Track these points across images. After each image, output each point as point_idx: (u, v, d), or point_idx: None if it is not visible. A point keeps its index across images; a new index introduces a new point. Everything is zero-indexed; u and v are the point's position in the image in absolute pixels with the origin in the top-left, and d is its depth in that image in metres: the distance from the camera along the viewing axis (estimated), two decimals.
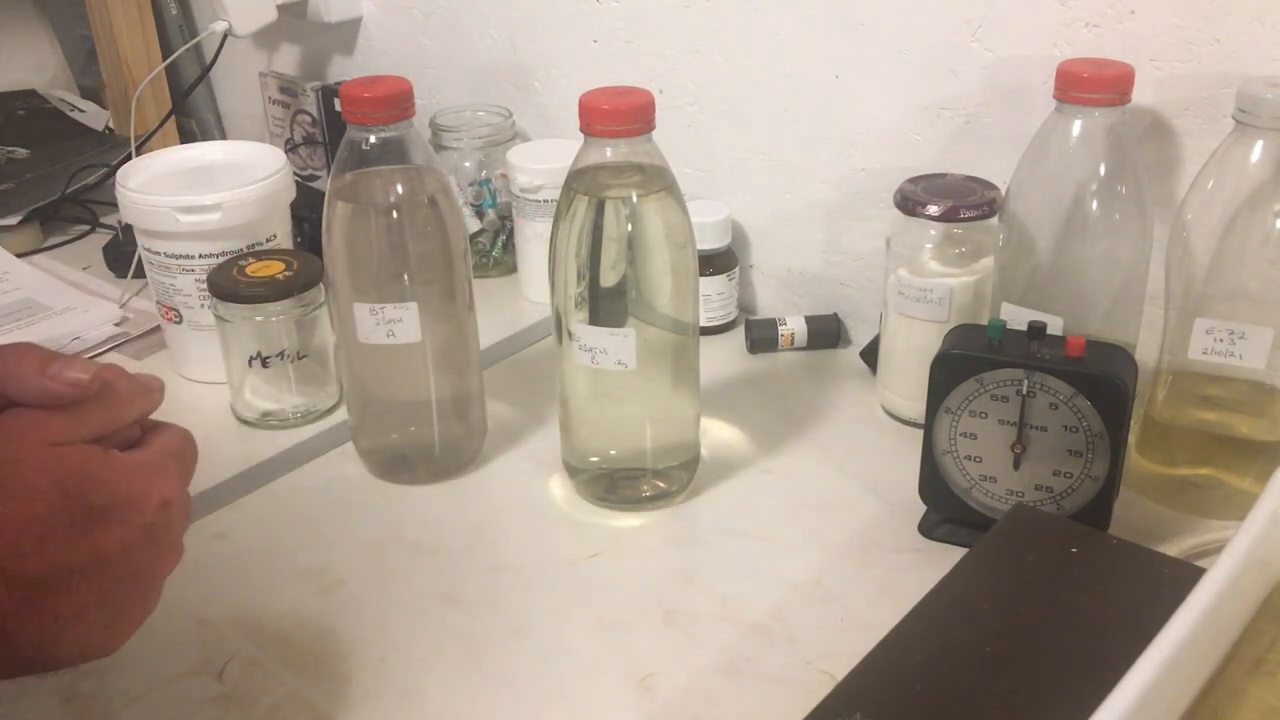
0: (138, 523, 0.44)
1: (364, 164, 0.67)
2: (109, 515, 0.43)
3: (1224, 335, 0.63)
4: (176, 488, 0.46)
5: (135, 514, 0.44)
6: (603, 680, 0.58)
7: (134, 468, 0.44)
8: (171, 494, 0.45)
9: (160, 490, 0.45)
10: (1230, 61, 0.67)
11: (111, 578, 0.43)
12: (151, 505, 0.44)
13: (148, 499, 0.44)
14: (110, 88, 1.24)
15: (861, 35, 0.80)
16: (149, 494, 0.44)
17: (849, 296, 0.89)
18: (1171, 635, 0.40)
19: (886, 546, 0.66)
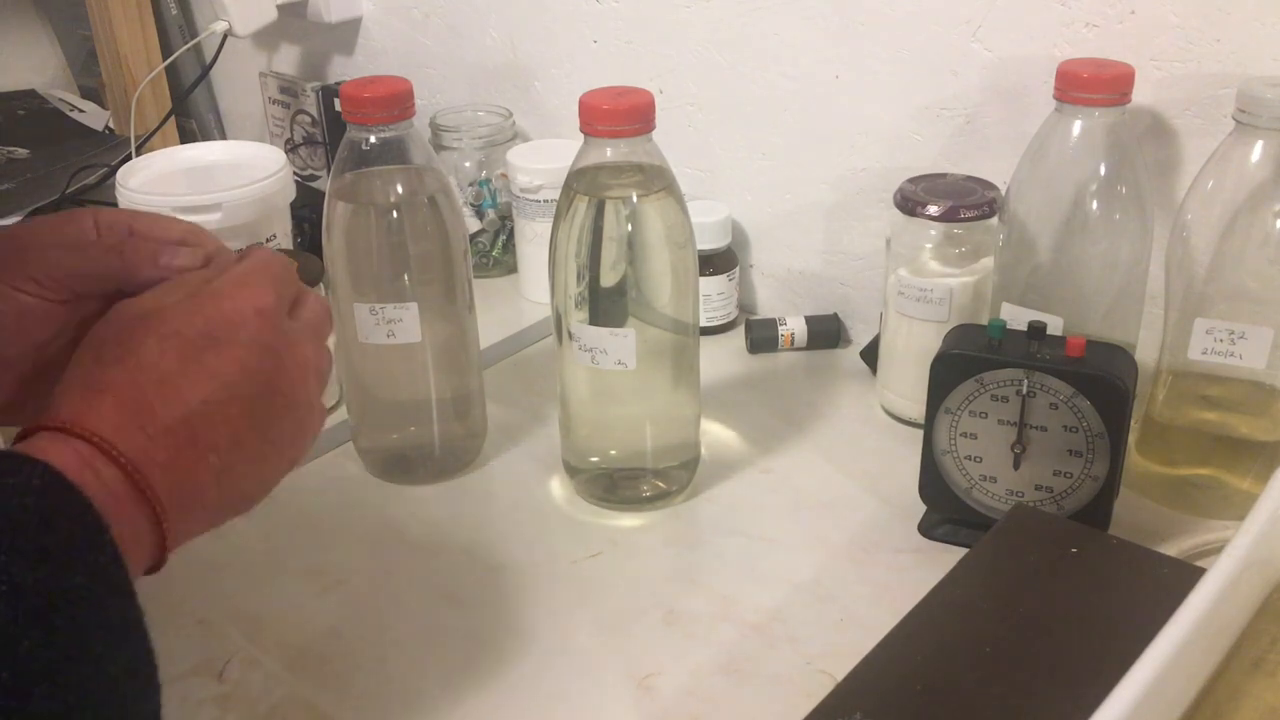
0: (243, 339, 0.44)
1: (364, 164, 0.67)
2: (211, 341, 0.43)
3: (1224, 335, 0.63)
4: (266, 296, 0.46)
5: (237, 330, 0.44)
6: (603, 680, 0.58)
7: (217, 292, 0.45)
8: (262, 301, 0.45)
9: (249, 301, 0.45)
10: (1230, 61, 0.67)
11: (247, 397, 0.43)
12: (248, 317, 0.45)
13: (241, 313, 0.45)
14: (110, 88, 1.24)
15: (861, 35, 0.80)
16: (240, 309, 0.45)
17: (849, 296, 0.89)
18: (1171, 635, 0.40)
19: (886, 546, 0.66)
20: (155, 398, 0.41)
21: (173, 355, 0.42)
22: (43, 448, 0.38)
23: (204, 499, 0.42)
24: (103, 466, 0.39)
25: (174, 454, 0.41)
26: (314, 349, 0.48)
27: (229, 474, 0.43)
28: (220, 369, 0.43)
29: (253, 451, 0.44)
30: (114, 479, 0.39)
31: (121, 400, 0.41)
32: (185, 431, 0.41)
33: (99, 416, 0.40)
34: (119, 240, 0.49)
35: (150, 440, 0.40)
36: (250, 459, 0.44)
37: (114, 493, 0.39)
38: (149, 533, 0.40)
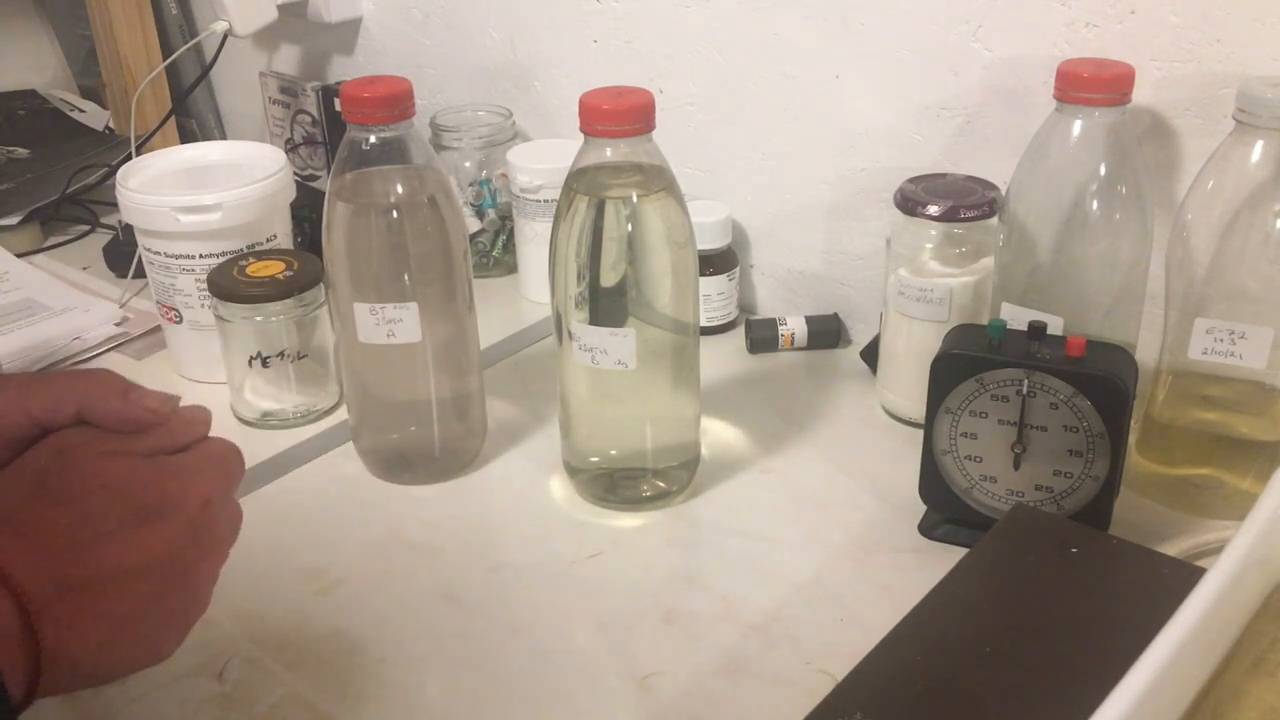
0: (182, 521, 0.44)
1: (364, 164, 0.67)
2: (154, 515, 0.43)
3: (1224, 335, 0.63)
4: (217, 488, 0.47)
5: (179, 513, 0.44)
6: (603, 680, 0.58)
7: (176, 469, 0.45)
8: (212, 493, 0.46)
9: (200, 489, 0.46)
10: (1230, 61, 0.67)
11: (160, 578, 0.44)
12: (193, 504, 0.45)
13: (189, 498, 0.45)
14: (110, 88, 1.24)
15: (861, 35, 0.80)
16: (190, 493, 0.45)
17: (849, 296, 0.89)
18: (1171, 635, 0.40)
19: (886, 546, 0.66)
20: (82, 553, 0.41)
21: (115, 517, 0.42)
22: None
23: (78, 663, 0.41)
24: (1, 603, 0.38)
25: (75, 612, 0.41)
26: (227, 550, 0.48)
27: (109, 647, 0.42)
28: (150, 544, 0.43)
29: (144, 631, 0.44)
30: (7, 619, 0.38)
31: (49, 545, 0.41)
32: (93, 593, 0.41)
33: (17, 552, 0.40)
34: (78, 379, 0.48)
35: (59, 592, 0.40)
36: (136, 638, 0.44)
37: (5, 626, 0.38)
38: (20, 680, 0.39)
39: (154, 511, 0.44)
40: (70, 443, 0.44)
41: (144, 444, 0.46)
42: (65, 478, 0.42)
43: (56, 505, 0.41)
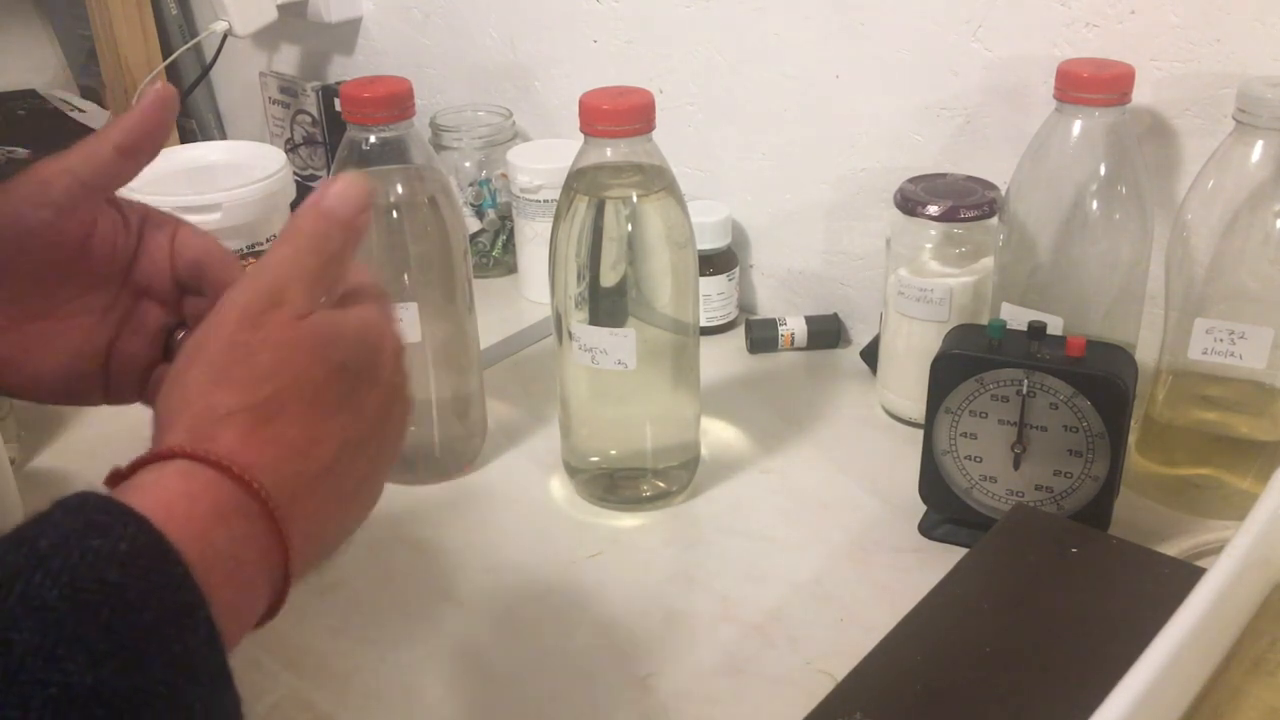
0: (384, 378, 0.42)
1: (364, 164, 0.67)
2: (363, 378, 0.40)
3: (1224, 335, 0.63)
4: (398, 336, 0.44)
5: (381, 369, 0.42)
6: (603, 680, 0.58)
7: (365, 323, 0.42)
8: (400, 343, 0.44)
9: (392, 341, 0.43)
10: (1230, 61, 0.67)
11: (375, 442, 0.41)
12: (389, 357, 0.42)
13: (385, 351, 0.42)
14: (110, 88, 1.24)
15: (861, 35, 0.80)
16: (384, 347, 0.42)
17: (849, 296, 0.89)
18: (1171, 635, 0.40)
19: (886, 546, 0.66)
20: (316, 440, 0.38)
21: (334, 391, 0.39)
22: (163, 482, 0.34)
23: (315, 550, 0.39)
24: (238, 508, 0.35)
25: (315, 504, 0.38)
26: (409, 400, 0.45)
27: (339, 524, 0.40)
28: (367, 411, 0.40)
29: (361, 501, 0.42)
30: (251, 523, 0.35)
31: (286, 437, 0.37)
32: (328, 478, 0.38)
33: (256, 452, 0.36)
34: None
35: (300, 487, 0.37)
36: (357, 509, 0.42)
37: (244, 540, 0.35)
38: (270, 585, 0.36)
39: (364, 374, 0.40)
40: (256, 311, 0.39)
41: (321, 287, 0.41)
42: (280, 354, 0.38)
43: (285, 387, 0.37)
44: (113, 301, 0.51)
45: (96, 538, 0.30)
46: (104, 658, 0.28)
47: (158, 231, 0.51)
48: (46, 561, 0.29)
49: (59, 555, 0.29)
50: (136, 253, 0.51)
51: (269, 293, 0.39)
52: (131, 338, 0.51)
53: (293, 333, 0.38)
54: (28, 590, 0.28)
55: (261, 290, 0.39)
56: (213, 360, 0.38)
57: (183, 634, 0.30)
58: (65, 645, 0.27)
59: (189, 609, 0.31)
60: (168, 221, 0.52)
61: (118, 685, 0.28)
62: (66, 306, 0.49)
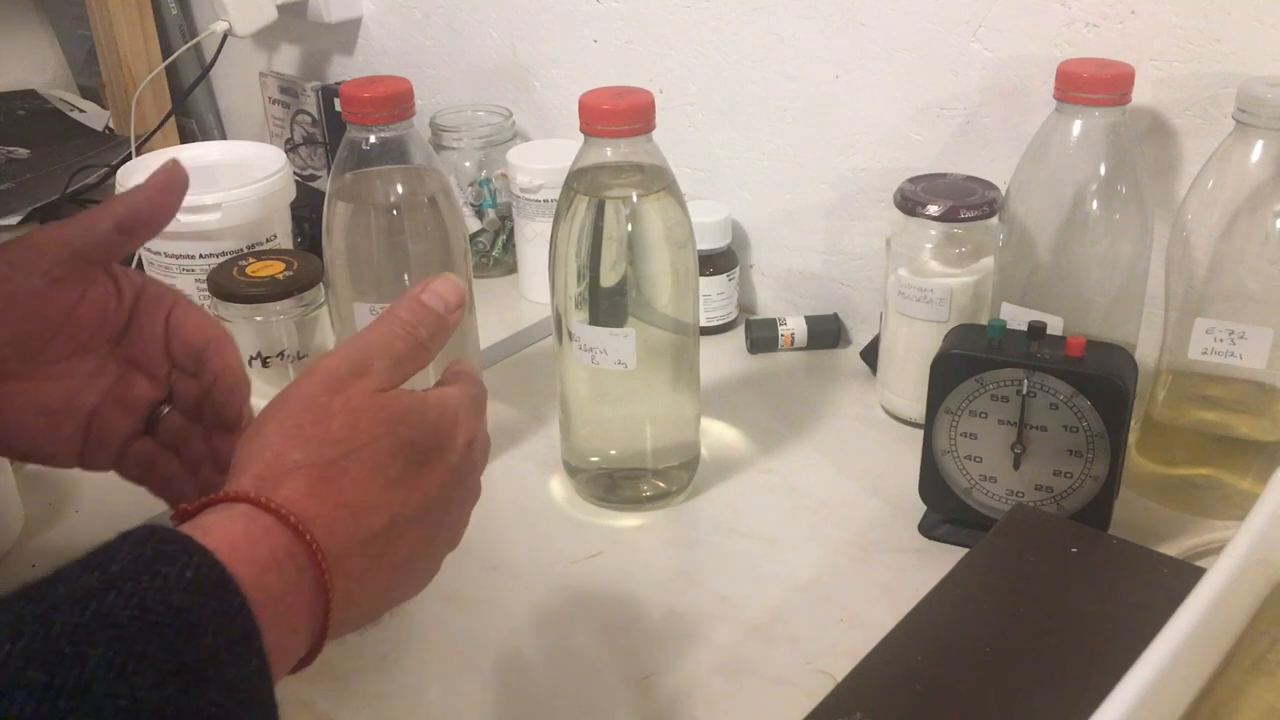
0: (451, 462, 0.44)
1: (364, 164, 0.67)
2: (429, 457, 0.42)
3: (1224, 335, 0.63)
4: (476, 427, 0.46)
5: (449, 453, 0.43)
6: (603, 680, 0.58)
7: (443, 407, 0.44)
8: (474, 431, 0.45)
9: (466, 428, 0.45)
10: (1230, 61, 0.67)
11: (432, 521, 0.43)
12: (460, 443, 0.44)
13: (456, 437, 0.44)
14: (110, 88, 1.24)
15: (861, 35, 0.80)
16: (457, 433, 0.44)
17: (849, 296, 0.89)
18: (1171, 635, 0.40)
19: (886, 546, 0.66)
20: (373, 505, 0.40)
21: (399, 464, 0.41)
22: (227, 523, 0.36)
23: (357, 612, 0.41)
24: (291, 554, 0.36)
25: (363, 565, 0.39)
26: (477, 485, 0.47)
27: (385, 592, 0.42)
28: (426, 488, 0.42)
29: (410, 574, 0.43)
30: (300, 572, 0.37)
31: (344, 498, 0.39)
32: (380, 544, 0.40)
33: (316, 504, 0.38)
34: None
35: (351, 546, 0.39)
36: (405, 581, 0.43)
37: (294, 586, 0.36)
38: (310, 633, 0.38)
39: (428, 454, 0.42)
40: (339, 379, 0.42)
41: (407, 368, 0.44)
42: (354, 420, 0.40)
43: (351, 453, 0.40)
44: (98, 369, 0.51)
45: (164, 565, 0.32)
46: (169, 676, 0.29)
47: (153, 306, 0.52)
48: (119, 584, 0.30)
49: (130, 579, 0.31)
50: (128, 325, 0.51)
51: (356, 363, 0.42)
52: (114, 407, 0.52)
53: (369, 402, 0.41)
54: (101, 609, 0.30)
55: (349, 359, 0.42)
56: (291, 415, 0.40)
57: (239, 661, 0.32)
58: (135, 662, 0.29)
59: (246, 638, 0.33)
60: (165, 296, 0.52)
61: (180, 703, 0.29)
62: (48, 370, 0.49)
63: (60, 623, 0.29)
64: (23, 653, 0.28)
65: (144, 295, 0.52)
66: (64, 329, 0.49)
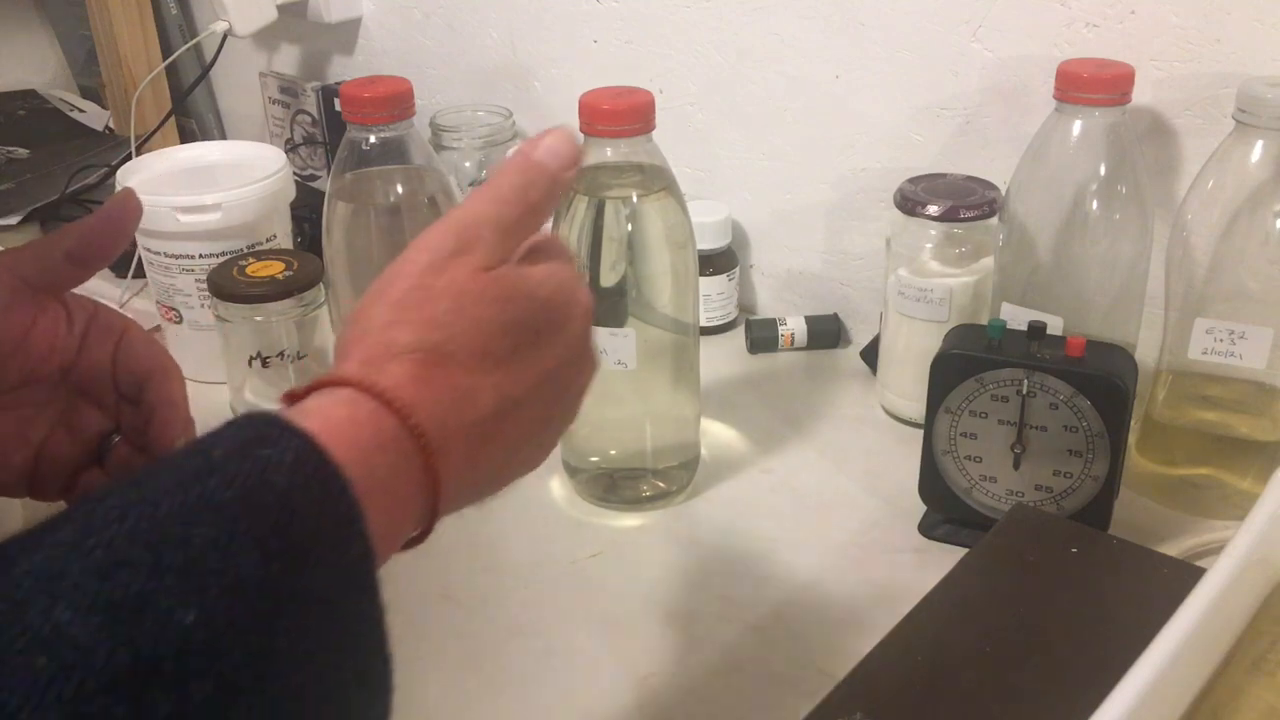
0: (567, 338, 0.42)
1: (364, 164, 0.67)
2: (543, 336, 0.40)
3: (1224, 335, 0.63)
4: (590, 297, 0.43)
5: (566, 329, 0.41)
6: (603, 680, 0.58)
7: (556, 281, 0.41)
8: (588, 301, 0.43)
9: (581, 299, 0.43)
10: (1230, 61, 0.67)
11: (547, 399, 0.41)
12: (577, 315, 0.42)
13: (572, 311, 0.42)
14: (110, 88, 1.24)
15: (861, 35, 0.80)
16: (573, 305, 0.42)
17: (849, 296, 0.89)
18: (1171, 635, 0.40)
19: (886, 546, 0.66)
20: (483, 389, 0.38)
21: (511, 343, 0.39)
22: (331, 407, 0.35)
23: (467, 493, 0.39)
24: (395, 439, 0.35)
25: (473, 447, 0.38)
26: (594, 357, 0.45)
27: (497, 471, 0.41)
28: (542, 366, 0.40)
29: (524, 454, 0.42)
30: (406, 457, 0.36)
31: (453, 381, 0.37)
32: (491, 425, 0.38)
33: (422, 388, 0.36)
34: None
35: (459, 430, 0.37)
36: (519, 461, 0.42)
37: (400, 470, 0.36)
38: (419, 515, 0.37)
39: (541, 333, 0.40)
40: (444, 253, 0.39)
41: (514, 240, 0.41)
42: (459, 302, 0.38)
43: (458, 335, 0.38)
44: (48, 399, 0.51)
45: (265, 448, 0.31)
46: (273, 556, 0.29)
47: (104, 334, 0.51)
48: (221, 467, 0.30)
49: (232, 462, 0.31)
50: (79, 353, 0.51)
51: (460, 237, 0.40)
52: (64, 437, 0.52)
53: (476, 283, 0.39)
54: (205, 491, 0.30)
55: (453, 233, 0.40)
56: (395, 300, 0.38)
57: (341, 543, 0.32)
58: (239, 542, 0.29)
59: (348, 520, 0.32)
60: (116, 324, 0.52)
61: (283, 583, 0.30)
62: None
63: (165, 505, 0.29)
64: (129, 533, 0.28)
65: (95, 323, 0.52)
66: (14, 358, 0.49)
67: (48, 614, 0.26)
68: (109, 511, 0.29)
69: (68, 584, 0.27)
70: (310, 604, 0.30)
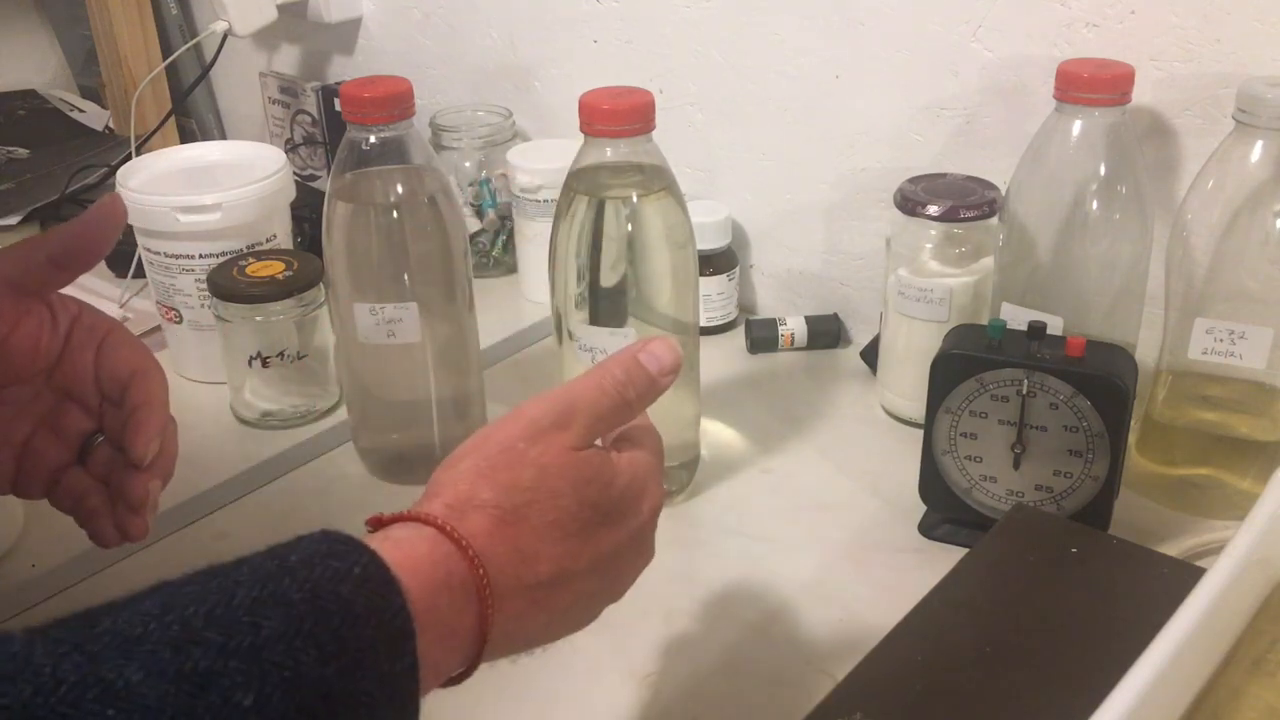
0: (632, 526, 0.45)
1: (364, 164, 0.67)
2: (611, 519, 0.44)
3: (1224, 335, 0.63)
4: (660, 496, 0.47)
5: (632, 518, 0.45)
6: (603, 680, 0.58)
7: (634, 474, 0.45)
8: (658, 502, 0.46)
9: (653, 495, 0.46)
10: (1230, 61, 0.67)
11: (600, 576, 0.44)
12: (646, 509, 0.45)
13: (643, 504, 0.45)
14: (110, 88, 1.24)
15: (861, 35, 0.80)
16: (644, 499, 0.45)
17: (849, 296, 0.89)
18: (1171, 635, 0.40)
19: (886, 546, 0.66)
20: (547, 556, 0.41)
21: (580, 520, 0.42)
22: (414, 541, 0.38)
23: (513, 645, 0.42)
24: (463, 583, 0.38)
25: (524, 607, 0.41)
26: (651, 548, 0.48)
27: (541, 632, 0.43)
28: (602, 547, 0.43)
29: (570, 620, 0.44)
30: (468, 600, 0.39)
31: (521, 542, 0.41)
32: (544, 591, 0.41)
33: (496, 542, 0.40)
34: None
35: (516, 589, 0.40)
36: (563, 626, 0.44)
37: (460, 611, 0.38)
38: (465, 656, 0.40)
39: (610, 516, 0.43)
40: (543, 426, 0.43)
41: (604, 428, 0.45)
42: (544, 473, 0.42)
43: (535, 503, 0.41)
44: (32, 398, 0.51)
45: (336, 560, 0.34)
46: (331, 658, 0.32)
47: (87, 335, 0.52)
48: (294, 571, 0.33)
49: (305, 568, 0.34)
50: (63, 354, 0.51)
51: (560, 415, 0.43)
52: (48, 437, 0.52)
53: (562, 459, 0.42)
54: (278, 589, 0.32)
55: (554, 409, 0.44)
56: (488, 455, 0.42)
57: (393, 657, 0.34)
58: (302, 639, 0.31)
59: (402, 636, 0.35)
60: (99, 326, 0.53)
61: (336, 685, 0.32)
62: None
63: (241, 596, 0.32)
64: (205, 616, 0.31)
65: (78, 324, 0.52)
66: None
67: (121, 671, 0.28)
68: (190, 592, 0.31)
69: (144, 650, 0.29)
70: (357, 706, 0.32)
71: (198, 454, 0.74)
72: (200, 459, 0.74)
